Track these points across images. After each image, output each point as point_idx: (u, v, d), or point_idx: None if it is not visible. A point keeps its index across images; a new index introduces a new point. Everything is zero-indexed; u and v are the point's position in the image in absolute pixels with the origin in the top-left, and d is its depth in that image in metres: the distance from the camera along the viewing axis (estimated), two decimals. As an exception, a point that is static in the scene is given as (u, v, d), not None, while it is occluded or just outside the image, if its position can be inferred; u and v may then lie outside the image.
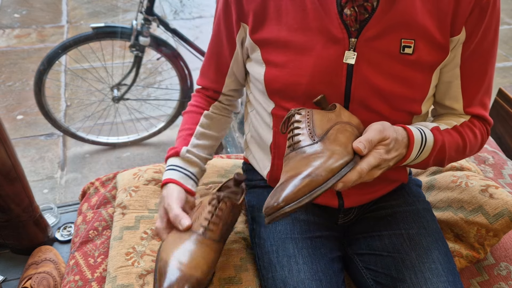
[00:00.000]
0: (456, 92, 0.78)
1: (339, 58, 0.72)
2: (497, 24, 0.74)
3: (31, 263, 1.14)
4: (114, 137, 2.22)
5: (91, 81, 2.38)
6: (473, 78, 0.77)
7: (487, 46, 0.74)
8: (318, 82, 0.74)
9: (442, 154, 0.76)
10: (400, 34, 0.70)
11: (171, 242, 0.78)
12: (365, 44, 0.71)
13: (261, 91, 0.83)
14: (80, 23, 3.20)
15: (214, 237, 0.78)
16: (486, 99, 0.81)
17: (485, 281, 0.95)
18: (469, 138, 0.79)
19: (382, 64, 0.72)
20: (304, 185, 0.59)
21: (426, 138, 0.73)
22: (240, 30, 0.80)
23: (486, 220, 0.92)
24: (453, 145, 0.77)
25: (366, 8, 0.70)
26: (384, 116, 0.76)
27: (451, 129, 0.78)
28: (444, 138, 0.75)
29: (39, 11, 3.30)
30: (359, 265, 0.88)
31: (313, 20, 0.72)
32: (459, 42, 0.73)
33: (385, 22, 0.70)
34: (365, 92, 0.73)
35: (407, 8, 0.69)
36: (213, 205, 0.80)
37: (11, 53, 2.84)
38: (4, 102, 2.45)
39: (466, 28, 0.71)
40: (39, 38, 3.00)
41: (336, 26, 0.71)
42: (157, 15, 1.87)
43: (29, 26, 3.12)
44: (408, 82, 0.73)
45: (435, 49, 0.72)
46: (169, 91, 2.47)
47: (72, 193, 1.98)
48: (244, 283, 0.89)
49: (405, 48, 0.70)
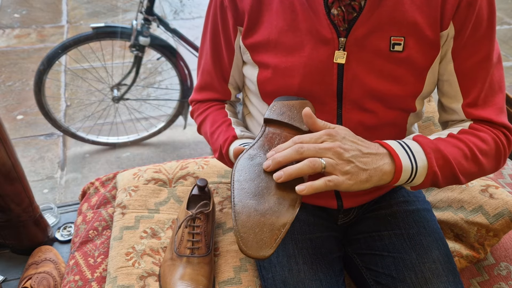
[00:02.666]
0: (455, 91, 0.75)
1: (329, 58, 0.71)
2: (490, 19, 0.70)
3: (31, 263, 1.14)
4: (114, 137, 2.22)
5: (91, 81, 2.38)
6: (470, 77, 0.74)
7: (479, 42, 0.71)
8: (309, 83, 0.73)
9: (447, 163, 0.67)
10: (389, 32, 0.69)
11: (168, 272, 0.85)
12: (355, 43, 0.70)
13: (255, 93, 0.82)
14: (80, 23, 3.20)
15: (203, 252, 0.86)
16: (497, 99, 0.73)
17: (485, 281, 0.95)
18: (473, 141, 0.71)
19: (372, 62, 0.71)
20: None
21: (409, 145, 0.67)
22: (238, 35, 0.79)
23: (486, 220, 0.92)
24: (454, 151, 0.69)
25: (353, 7, 0.69)
26: (379, 115, 0.75)
27: (446, 137, 0.72)
28: (437, 144, 0.68)
29: (39, 11, 3.30)
30: (359, 265, 0.88)
31: (302, 21, 0.71)
32: (449, 37, 0.71)
33: (373, 20, 0.69)
34: (357, 91, 0.73)
35: (395, 5, 0.68)
36: (190, 225, 0.87)
37: (11, 53, 2.84)
38: (4, 102, 2.45)
39: (454, 23, 0.69)
40: (39, 38, 3.00)
41: (325, 26, 0.70)
42: (157, 15, 1.87)
43: (29, 26, 3.12)
44: (400, 80, 0.72)
45: (426, 46, 0.70)
46: (169, 91, 2.47)
47: (72, 193, 1.98)
48: (244, 283, 0.89)
49: (395, 45, 0.69)
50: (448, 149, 0.69)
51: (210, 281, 0.86)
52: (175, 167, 1.15)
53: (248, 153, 0.66)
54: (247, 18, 0.75)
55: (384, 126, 0.77)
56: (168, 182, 1.11)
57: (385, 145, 0.66)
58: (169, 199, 1.07)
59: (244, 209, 0.59)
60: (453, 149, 0.69)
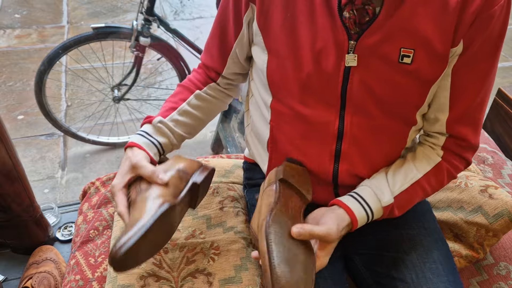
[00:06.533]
0: (443, 104, 0.76)
1: (338, 59, 0.71)
2: (499, 40, 0.69)
3: (31, 263, 1.14)
4: (115, 137, 2.22)
5: (91, 81, 2.38)
6: (463, 91, 0.74)
7: (482, 60, 0.71)
8: (316, 80, 0.73)
9: (401, 210, 0.79)
10: (400, 43, 0.69)
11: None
12: (364, 48, 0.70)
13: (262, 80, 0.81)
14: (81, 23, 3.21)
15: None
16: (480, 118, 0.77)
17: (484, 280, 0.95)
18: (433, 186, 0.80)
19: (379, 70, 0.71)
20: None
21: (373, 213, 0.76)
22: (248, 11, 0.77)
23: (485, 220, 0.92)
24: (411, 199, 0.79)
25: (367, 12, 0.69)
26: (380, 122, 0.75)
27: (410, 187, 0.78)
28: (394, 205, 0.77)
29: (39, 12, 3.31)
30: (359, 265, 0.88)
31: (319, 16, 0.71)
32: (456, 54, 0.70)
33: (386, 29, 0.68)
34: (361, 95, 0.73)
35: (409, 16, 0.67)
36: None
37: (11, 53, 2.84)
38: (4, 102, 2.45)
39: (464, 41, 0.69)
40: (39, 39, 3.00)
41: (337, 27, 0.70)
42: (158, 15, 1.87)
43: (30, 27, 3.13)
44: (404, 90, 0.72)
45: (435, 60, 0.70)
46: (169, 91, 2.48)
47: (73, 193, 1.98)
48: (244, 282, 0.89)
49: (404, 57, 0.69)
50: (405, 201, 0.79)
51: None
52: (176, 167, 1.15)
53: (277, 216, 0.71)
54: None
55: (385, 134, 0.78)
56: (169, 182, 1.11)
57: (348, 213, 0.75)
58: (169, 199, 1.07)
59: (283, 274, 0.63)
60: (411, 198, 0.79)
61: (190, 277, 0.90)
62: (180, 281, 0.90)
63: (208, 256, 0.94)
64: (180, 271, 0.91)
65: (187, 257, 0.94)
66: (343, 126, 0.76)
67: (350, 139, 0.77)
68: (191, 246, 0.95)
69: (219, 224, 1.00)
